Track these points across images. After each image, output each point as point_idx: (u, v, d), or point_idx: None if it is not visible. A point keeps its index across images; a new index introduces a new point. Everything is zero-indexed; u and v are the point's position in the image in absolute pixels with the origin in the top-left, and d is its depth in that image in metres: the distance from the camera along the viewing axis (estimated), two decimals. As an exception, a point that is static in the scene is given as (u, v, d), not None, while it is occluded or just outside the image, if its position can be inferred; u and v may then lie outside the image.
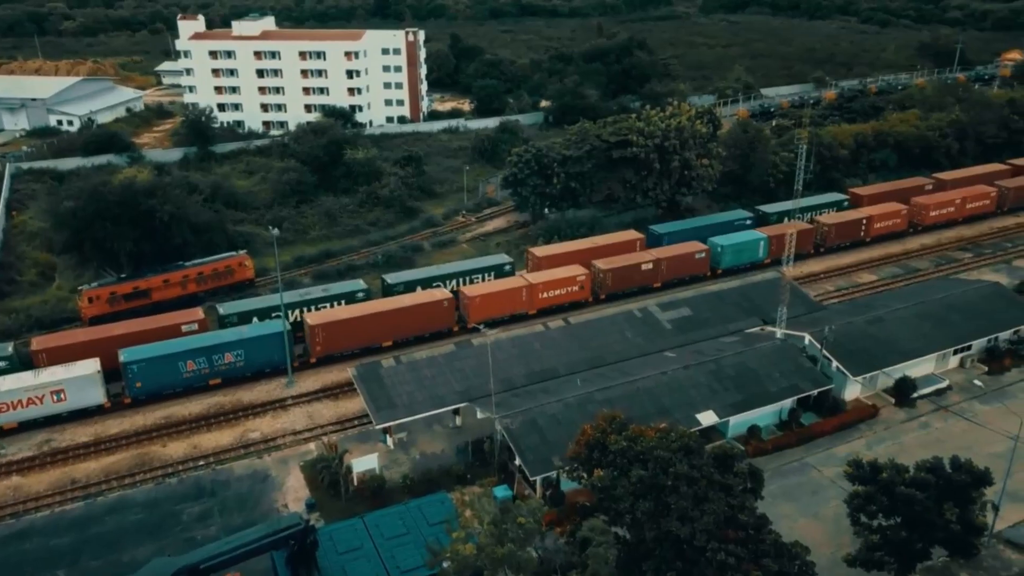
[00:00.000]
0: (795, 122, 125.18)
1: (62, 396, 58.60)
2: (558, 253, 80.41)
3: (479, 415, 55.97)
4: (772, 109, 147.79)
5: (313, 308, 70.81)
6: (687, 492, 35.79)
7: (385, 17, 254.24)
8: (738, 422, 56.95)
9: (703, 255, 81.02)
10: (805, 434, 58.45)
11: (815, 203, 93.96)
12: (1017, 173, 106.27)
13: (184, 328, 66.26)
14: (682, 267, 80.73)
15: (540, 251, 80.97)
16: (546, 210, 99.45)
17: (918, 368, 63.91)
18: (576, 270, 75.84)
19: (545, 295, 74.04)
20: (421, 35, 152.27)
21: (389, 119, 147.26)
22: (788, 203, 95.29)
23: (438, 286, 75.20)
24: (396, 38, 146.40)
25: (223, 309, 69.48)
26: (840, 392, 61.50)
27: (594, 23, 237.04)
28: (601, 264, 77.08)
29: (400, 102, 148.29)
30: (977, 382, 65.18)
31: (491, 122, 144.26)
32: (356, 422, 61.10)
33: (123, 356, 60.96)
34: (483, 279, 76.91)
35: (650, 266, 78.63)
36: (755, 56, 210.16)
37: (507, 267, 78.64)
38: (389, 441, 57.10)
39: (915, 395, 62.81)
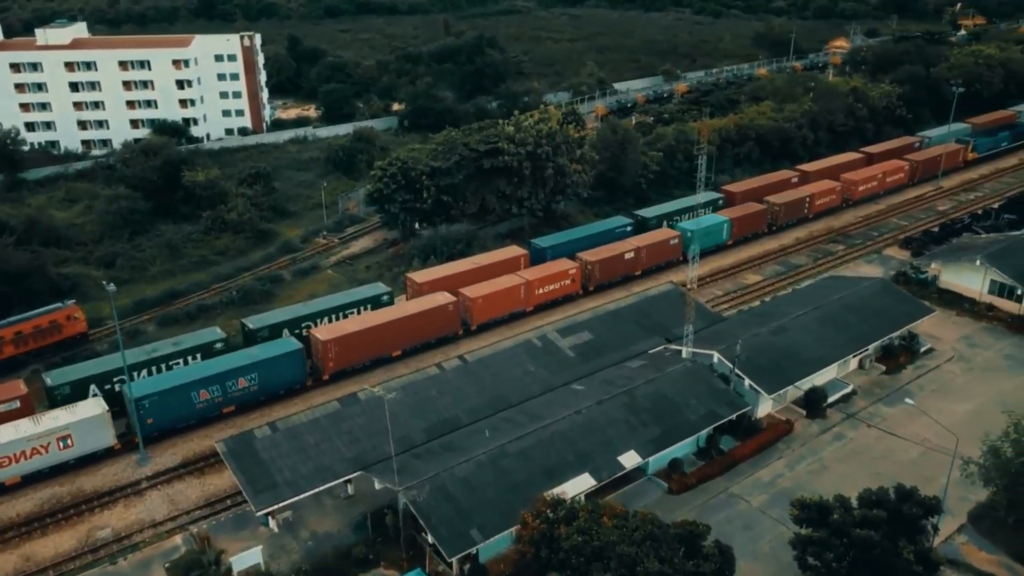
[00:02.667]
0: (655, 118, 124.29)
1: (69, 442, 53.73)
2: (440, 277, 73.74)
3: (377, 485, 48.77)
4: (629, 104, 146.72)
5: (164, 367, 60.92)
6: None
7: (211, 18, 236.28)
8: (659, 457, 52.66)
9: (676, 241, 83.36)
10: (726, 461, 55.02)
11: (691, 204, 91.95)
12: (872, 160, 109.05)
13: (1, 409, 54.89)
14: (659, 254, 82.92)
15: (420, 276, 74.00)
16: (417, 225, 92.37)
17: (823, 375, 62.15)
18: (567, 264, 76.93)
19: (541, 291, 74.39)
20: (257, 39, 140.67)
21: (229, 131, 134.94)
22: (665, 206, 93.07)
23: (308, 327, 66.93)
24: (230, 43, 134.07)
25: (50, 379, 58.16)
26: (753, 410, 58.63)
27: (439, 20, 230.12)
28: (589, 256, 78.78)
29: (240, 112, 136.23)
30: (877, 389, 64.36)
31: (342, 129, 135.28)
32: (229, 501, 52.28)
33: (133, 391, 55.31)
34: (357, 312, 69.27)
35: (632, 255, 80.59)
36: (601, 50, 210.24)
37: (384, 297, 71.21)
38: (272, 524, 48.85)
39: (825, 404, 61.00)
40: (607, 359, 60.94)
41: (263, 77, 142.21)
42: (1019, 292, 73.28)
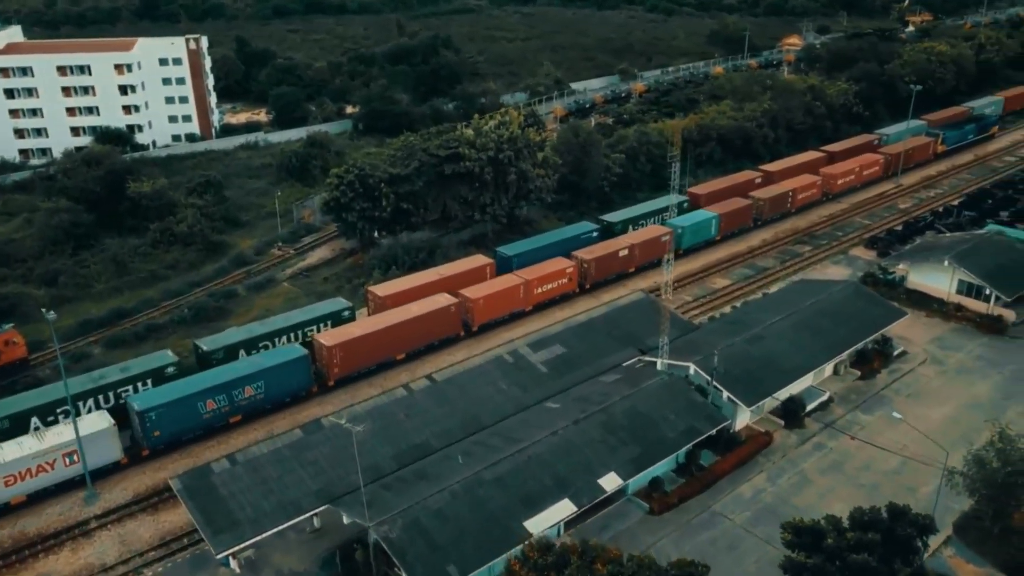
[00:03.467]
0: (616, 119, 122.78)
1: (75, 458, 51.79)
2: (404, 289, 70.94)
3: (345, 519, 46.00)
4: (587, 105, 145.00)
5: (112, 395, 57.28)
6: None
7: (155, 19, 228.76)
8: (639, 477, 50.73)
9: (668, 237, 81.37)
10: (707, 478, 53.29)
11: (657, 207, 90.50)
12: (833, 159, 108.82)
13: (-67, 448, 51.05)
14: (652, 251, 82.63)
15: (382, 289, 71.12)
16: (376, 234, 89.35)
17: (800, 383, 60.87)
18: (564, 263, 76.84)
19: (539, 290, 74.45)
20: (204, 41, 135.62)
21: (176, 138, 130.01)
22: (630, 210, 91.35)
23: (266, 346, 63.72)
24: (175, 46, 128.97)
25: (-15, 412, 54.21)
26: (732, 422, 57.06)
27: (391, 20, 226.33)
28: (585, 255, 78.70)
29: (187, 118, 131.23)
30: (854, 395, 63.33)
31: (294, 133, 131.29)
32: (186, 540, 49.03)
33: (137, 404, 54.68)
34: (317, 330, 66.20)
35: (626, 252, 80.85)
36: (556, 49, 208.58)
37: (346, 313, 68.19)
38: (233, 564, 45.75)
39: (803, 414, 59.76)
40: (581, 373, 58.85)
41: (211, 81, 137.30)
42: (987, 292, 73.04)
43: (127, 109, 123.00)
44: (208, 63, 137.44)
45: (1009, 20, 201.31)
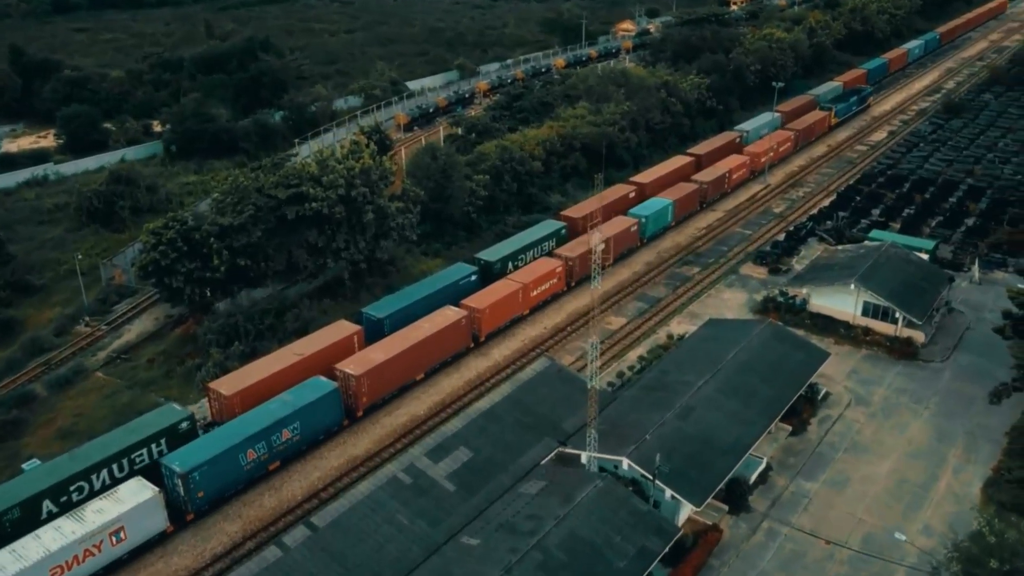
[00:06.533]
0: (467, 128, 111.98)
1: (122, 535, 46.89)
2: (255, 382, 57.35)
3: None
4: (430, 109, 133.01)
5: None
6: None
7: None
8: (589, 625, 41.16)
9: (635, 228, 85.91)
10: (663, 604, 44.62)
11: (536, 238, 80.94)
12: (701, 162, 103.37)
13: None
14: (624, 242, 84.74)
15: (227, 385, 57.06)
16: (208, 292, 74.08)
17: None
18: (553, 263, 77.30)
19: (535, 292, 74.73)
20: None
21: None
22: (506, 244, 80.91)
23: (82, 487, 48.76)
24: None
25: None
26: (675, 520, 48.62)
27: (197, 14, 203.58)
28: (569, 252, 79.08)
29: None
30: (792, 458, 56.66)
31: (92, 162, 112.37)
32: None
33: (177, 465, 49.67)
34: (149, 456, 51.78)
35: (603, 245, 75.92)
36: (384, 42, 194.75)
37: (184, 425, 53.85)
38: None
39: (748, 494, 52.35)
40: (496, 483, 48.26)
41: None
42: (896, 314, 68.88)
43: None
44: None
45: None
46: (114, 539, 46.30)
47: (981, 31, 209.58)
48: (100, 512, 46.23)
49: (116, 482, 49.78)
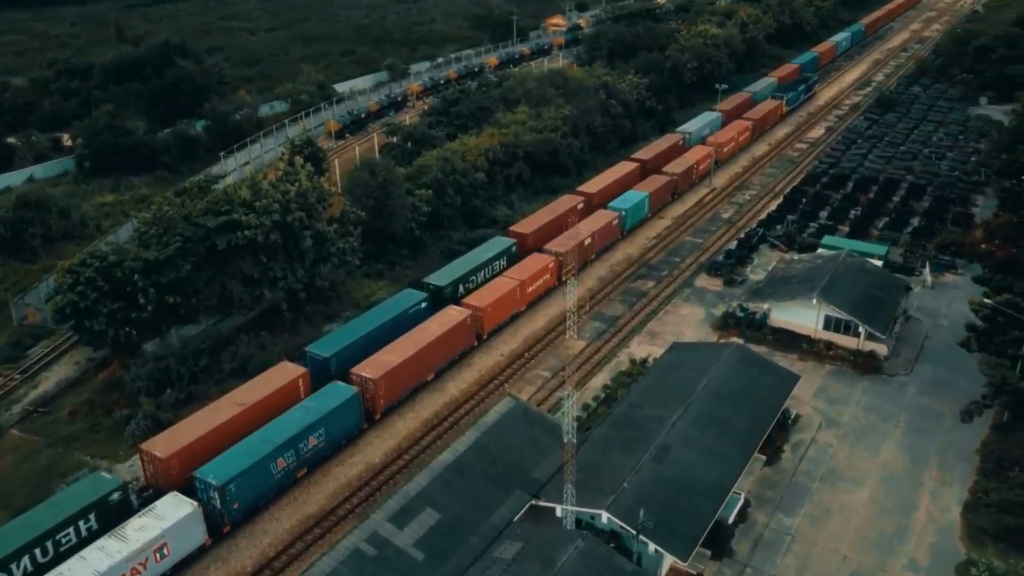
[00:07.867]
0: (404, 137, 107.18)
1: (165, 551, 46.44)
2: (192, 440, 52.18)
3: None
4: (362, 115, 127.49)
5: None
6: None
7: None
8: None
9: (617, 221, 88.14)
10: (654, 670, 41.80)
11: (486, 257, 77.26)
12: (646, 168, 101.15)
13: None
14: (607, 236, 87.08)
15: (162, 447, 51.62)
16: (134, 333, 67.89)
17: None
18: (545, 259, 78.14)
19: (531, 288, 75.92)
20: None
21: None
22: (456, 266, 76.86)
23: (0, 582, 43.42)
24: None
25: None
26: (659, 574, 45.92)
27: (104, 13, 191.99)
28: (559, 247, 79.64)
29: None
30: (768, 491, 54.50)
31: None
32: None
33: (213, 478, 49.29)
34: (76, 535, 46.40)
35: (589, 240, 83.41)
36: (308, 40, 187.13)
37: (115, 496, 48.44)
38: None
39: (730, 537, 49.94)
40: (468, 548, 44.56)
41: None
42: (859, 328, 67.58)
43: None
44: None
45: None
46: (158, 556, 46.54)
47: (902, 21, 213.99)
48: (143, 530, 46.36)
49: (39, 569, 44.31)
